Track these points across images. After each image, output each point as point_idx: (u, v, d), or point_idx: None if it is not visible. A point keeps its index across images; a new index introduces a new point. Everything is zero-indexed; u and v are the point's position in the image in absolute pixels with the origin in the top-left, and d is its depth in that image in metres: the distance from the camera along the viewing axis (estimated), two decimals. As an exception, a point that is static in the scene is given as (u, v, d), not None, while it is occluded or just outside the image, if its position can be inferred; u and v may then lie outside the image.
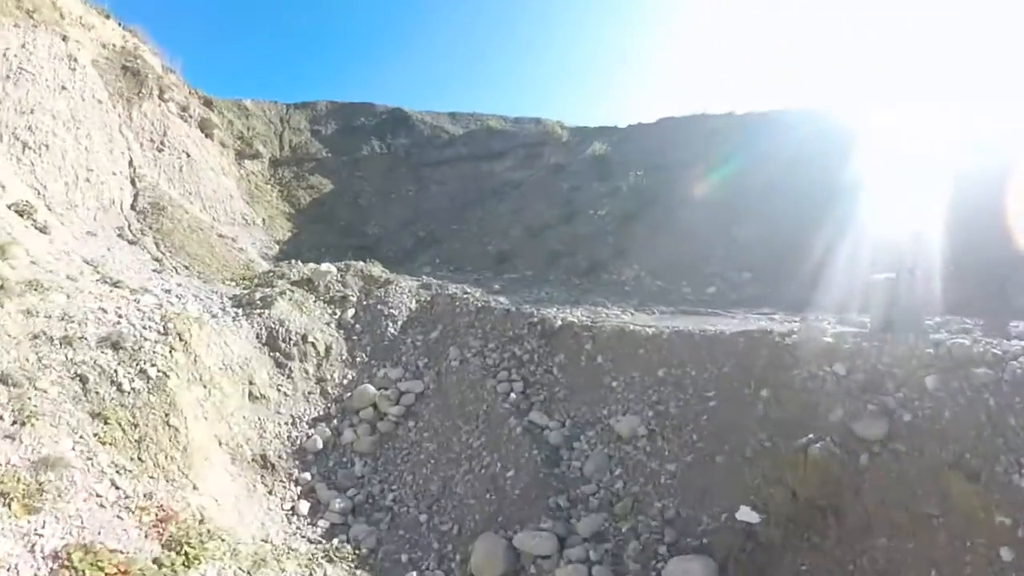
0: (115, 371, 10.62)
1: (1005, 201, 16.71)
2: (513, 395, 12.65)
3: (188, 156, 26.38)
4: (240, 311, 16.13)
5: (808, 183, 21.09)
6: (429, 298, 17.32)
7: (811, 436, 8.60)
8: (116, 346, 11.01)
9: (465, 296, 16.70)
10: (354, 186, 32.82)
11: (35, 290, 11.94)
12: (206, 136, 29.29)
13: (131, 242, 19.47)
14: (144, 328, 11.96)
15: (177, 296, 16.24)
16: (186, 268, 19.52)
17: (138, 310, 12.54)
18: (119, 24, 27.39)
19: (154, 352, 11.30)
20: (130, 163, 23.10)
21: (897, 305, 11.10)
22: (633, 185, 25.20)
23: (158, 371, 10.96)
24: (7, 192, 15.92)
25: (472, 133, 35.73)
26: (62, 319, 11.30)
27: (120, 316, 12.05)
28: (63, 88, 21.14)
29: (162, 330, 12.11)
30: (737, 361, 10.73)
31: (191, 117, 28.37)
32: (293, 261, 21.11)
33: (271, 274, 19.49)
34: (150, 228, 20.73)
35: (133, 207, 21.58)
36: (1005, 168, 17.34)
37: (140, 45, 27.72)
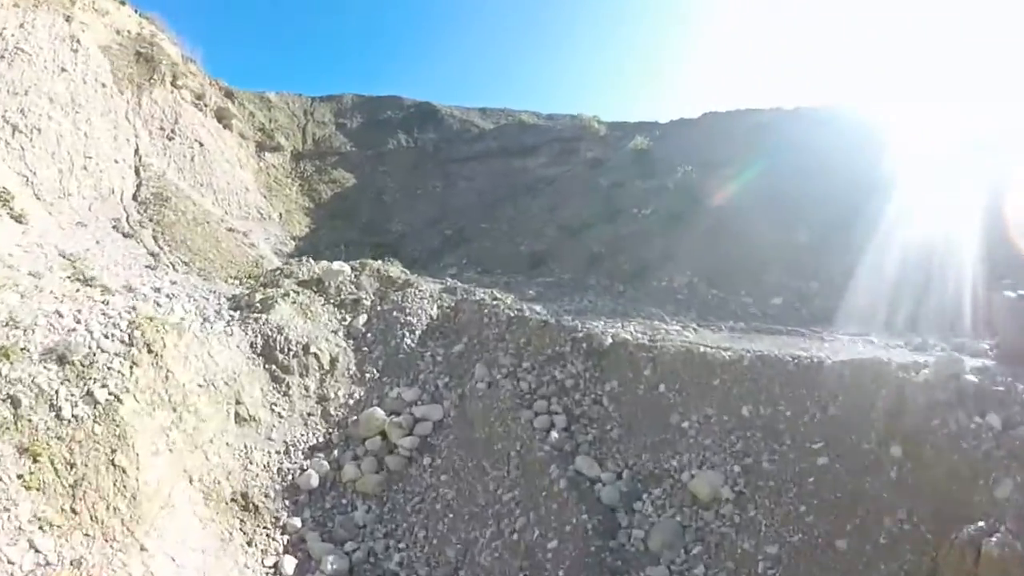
0: (56, 392, 8.49)
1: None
2: (554, 434, 10.15)
3: (201, 146, 24.51)
4: (237, 314, 14.05)
5: (870, 183, 18.64)
6: (453, 304, 15.03)
7: (981, 525, 6.05)
8: (62, 360, 8.89)
9: (495, 303, 14.34)
10: (378, 181, 30.78)
11: (-18, 288, 9.94)
12: (224, 127, 27.48)
13: (126, 235, 17.49)
14: (104, 336, 9.83)
15: (168, 295, 14.18)
16: (185, 264, 17.49)
17: (103, 314, 10.43)
18: (135, 11, 25.73)
19: (108, 368, 9.15)
20: (136, 151, 21.29)
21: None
22: (681, 182, 22.70)
23: (109, 393, 8.80)
24: (-14, 177, 14.07)
25: (503, 128, 33.49)
26: (6, 324, 9.22)
27: (78, 321, 9.94)
28: (63, 70, 19.35)
29: (126, 339, 9.96)
30: (848, 401, 8.21)
31: (207, 106, 26.54)
32: (305, 259, 19.02)
33: (278, 272, 17.41)
34: (150, 220, 18.75)
35: (135, 197, 19.68)
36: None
37: (157, 33, 26.02)
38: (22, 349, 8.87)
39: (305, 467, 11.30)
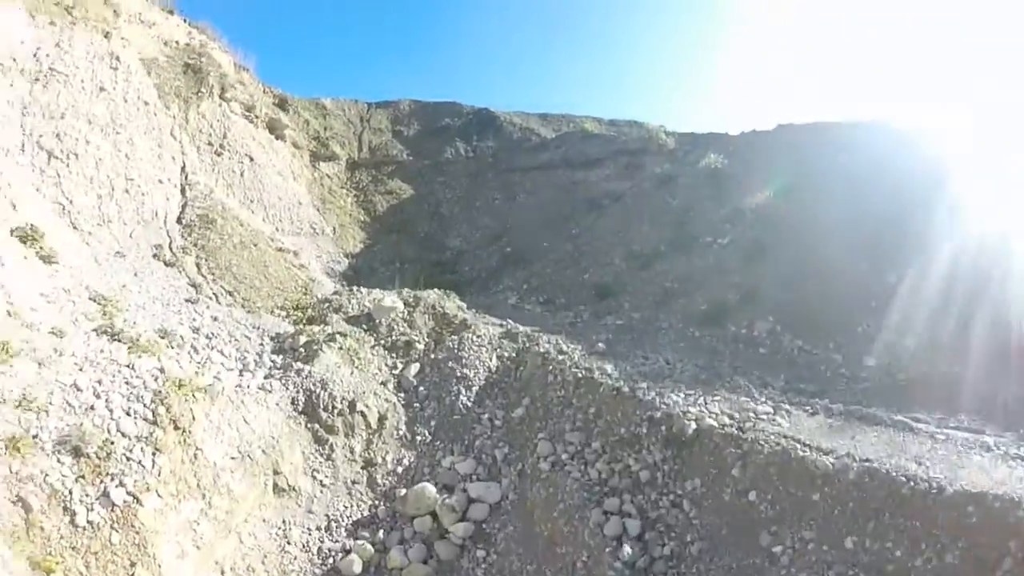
0: (70, 492, 7.50)
1: None
2: (627, 547, 8.67)
3: (251, 160, 23.75)
4: (279, 359, 13.06)
5: (969, 212, 16.21)
6: (514, 354, 13.71)
7: None
8: (77, 452, 7.88)
9: (560, 358, 12.92)
10: (435, 193, 29.61)
11: (-5, 357, 8.96)
12: (276, 137, 26.72)
13: (168, 263, 16.65)
14: (127, 413, 8.82)
15: (207, 336, 13.28)
16: (229, 295, 16.57)
17: (126, 383, 9.42)
18: (184, 20, 24.98)
19: (127, 459, 8.12)
20: (182, 169, 20.46)
21: None
22: (759, 208, 20.76)
23: (127, 493, 7.76)
24: (18, 211, 13.22)
25: (564, 136, 31.85)
26: (18, 405, 8.20)
27: (98, 395, 8.94)
28: (101, 89, 18.42)
29: (150, 416, 8.95)
30: (970, 547, 6.66)
31: (257, 117, 25.73)
32: (355, 288, 18.03)
33: (326, 305, 16.43)
34: (194, 245, 17.90)
35: (179, 220, 18.83)
36: None
37: (208, 43, 25.17)
38: (34, 437, 7.90)
39: (348, 547, 10.19)
